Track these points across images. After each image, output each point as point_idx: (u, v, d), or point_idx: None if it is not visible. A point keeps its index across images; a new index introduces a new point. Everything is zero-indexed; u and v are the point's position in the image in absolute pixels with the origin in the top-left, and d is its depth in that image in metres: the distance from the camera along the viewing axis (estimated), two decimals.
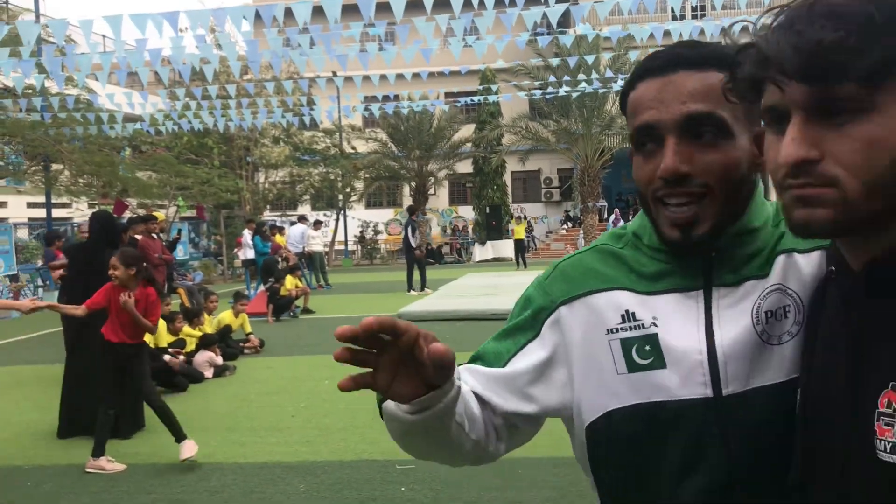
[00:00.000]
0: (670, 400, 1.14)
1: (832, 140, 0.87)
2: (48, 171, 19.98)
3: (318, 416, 7.30)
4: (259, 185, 30.74)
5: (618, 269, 1.25)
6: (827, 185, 0.88)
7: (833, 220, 0.89)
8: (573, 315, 1.25)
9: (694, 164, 1.11)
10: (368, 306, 16.40)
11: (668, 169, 1.11)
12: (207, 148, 25.96)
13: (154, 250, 11.97)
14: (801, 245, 1.15)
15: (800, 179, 0.89)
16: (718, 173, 1.11)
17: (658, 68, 1.15)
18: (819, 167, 0.88)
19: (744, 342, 1.13)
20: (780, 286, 1.15)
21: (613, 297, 1.22)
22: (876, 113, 0.85)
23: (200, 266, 25.35)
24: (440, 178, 36.59)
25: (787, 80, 0.89)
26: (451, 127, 34.78)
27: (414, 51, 13.01)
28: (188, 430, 7.12)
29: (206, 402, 8.24)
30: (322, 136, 32.46)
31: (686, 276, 1.19)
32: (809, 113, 0.88)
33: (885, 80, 0.84)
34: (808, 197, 0.89)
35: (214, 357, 9.73)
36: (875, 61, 0.83)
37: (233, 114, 17.03)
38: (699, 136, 1.12)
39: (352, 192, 33.93)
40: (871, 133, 0.86)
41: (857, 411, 0.92)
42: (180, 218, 26.33)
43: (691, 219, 1.13)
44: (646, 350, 1.17)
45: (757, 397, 1.11)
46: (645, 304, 1.20)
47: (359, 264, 33.74)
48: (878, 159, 0.86)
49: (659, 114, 1.13)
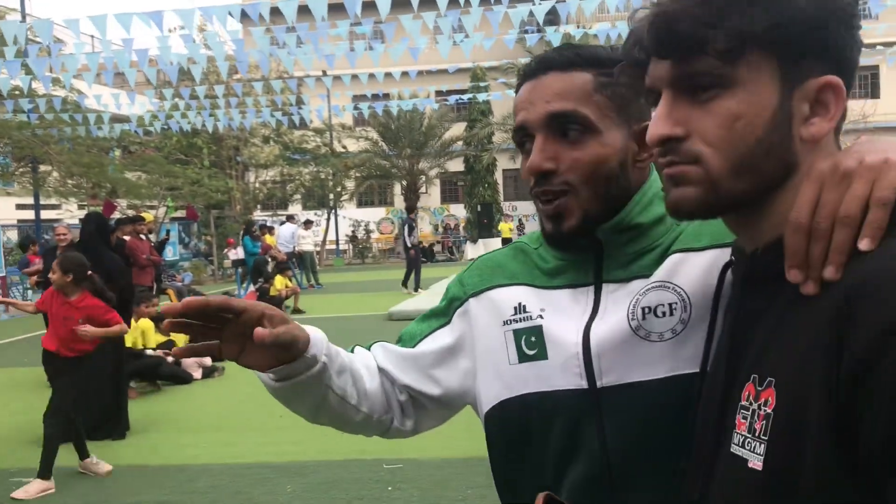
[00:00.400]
0: (552, 390, 1.18)
1: (697, 117, 0.85)
2: (36, 173, 19.88)
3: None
4: (249, 185, 30.66)
5: (524, 266, 1.31)
6: (692, 162, 0.86)
7: (701, 200, 0.87)
8: (480, 307, 1.32)
9: (559, 162, 1.15)
10: (359, 306, 16.38)
11: (532, 166, 1.17)
12: (197, 148, 25.87)
13: (142, 251, 11.91)
14: (696, 244, 1.16)
15: (667, 158, 0.88)
16: (581, 169, 1.15)
17: (531, 72, 1.20)
18: (684, 145, 0.86)
19: (617, 337, 1.14)
20: (663, 283, 1.15)
21: (513, 291, 1.28)
22: (739, 87, 0.83)
23: (191, 267, 25.27)
24: (431, 177, 36.57)
25: (651, 58, 0.88)
26: (441, 125, 34.77)
27: (402, 49, 12.99)
28: (176, 430, 7.10)
29: (195, 403, 8.22)
30: (312, 135, 32.39)
31: (579, 271, 1.22)
32: (676, 90, 0.86)
33: (744, 54, 0.82)
34: (676, 175, 0.88)
35: (203, 358, 9.69)
36: (731, 33, 0.81)
37: (221, 114, 16.98)
38: (565, 133, 1.16)
39: (342, 192, 33.86)
40: (733, 108, 0.83)
41: (726, 403, 0.90)
42: (171, 218, 26.26)
43: (558, 212, 1.17)
44: (532, 341, 1.22)
45: (634, 391, 1.12)
46: (539, 297, 1.25)
47: (350, 263, 33.70)
48: (741, 135, 0.84)
49: (528, 114, 1.18)
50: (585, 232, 1.18)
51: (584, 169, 1.15)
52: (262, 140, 29.64)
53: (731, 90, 0.83)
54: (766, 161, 0.84)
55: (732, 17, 0.80)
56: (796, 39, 0.82)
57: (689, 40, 0.82)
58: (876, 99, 33.16)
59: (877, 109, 30.18)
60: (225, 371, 9.78)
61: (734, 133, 0.83)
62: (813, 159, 0.85)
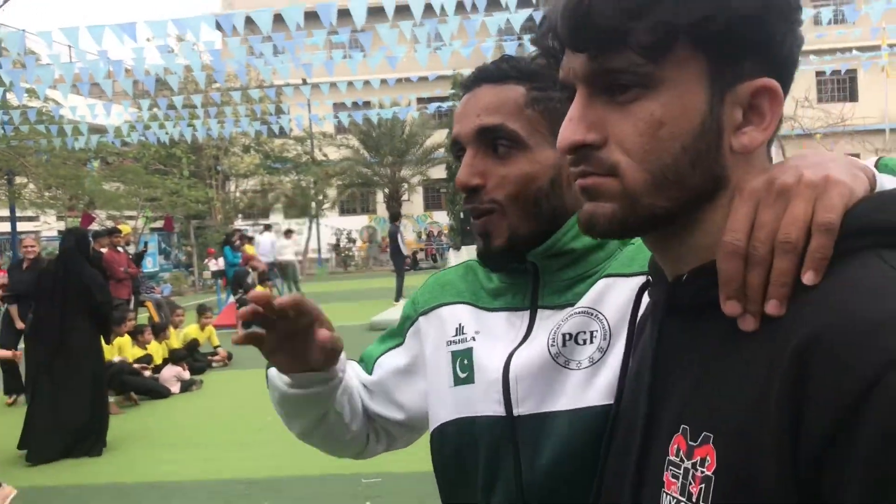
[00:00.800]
0: (475, 416, 1.15)
1: (615, 120, 0.74)
2: (11, 185, 19.68)
3: (284, 430, 6.99)
4: (230, 195, 30.50)
5: (471, 285, 1.27)
6: (607, 173, 0.74)
7: (617, 217, 0.75)
8: (429, 325, 1.29)
9: (488, 178, 1.11)
10: (343, 315, 16.22)
11: (458, 182, 1.12)
12: (176, 158, 25.71)
13: (119, 264, 11.83)
14: (626, 269, 1.11)
15: (580, 167, 0.76)
16: (509, 187, 1.10)
17: (468, 85, 1.17)
18: (600, 153, 0.74)
19: (536, 364, 1.10)
20: (587, 310, 1.10)
21: (457, 310, 1.25)
22: (663, 89, 0.72)
23: (171, 278, 25.07)
24: (414, 184, 36.56)
25: (565, 50, 0.76)
26: (423, 133, 34.78)
27: (380, 58, 12.96)
28: (153, 446, 7.02)
29: (173, 418, 8.14)
30: (293, 144, 32.29)
31: (517, 295, 1.18)
32: (592, 88, 0.75)
33: (670, 50, 0.71)
34: (589, 188, 0.76)
35: (182, 372, 9.60)
36: (655, 26, 0.70)
37: (199, 124, 16.86)
38: (495, 148, 1.11)
39: (324, 200, 33.75)
40: (656, 112, 0.72)
41: (645, 452, 0.79)
42: (151, 229, 26.06)
43: (486, 230, 1.13)
44: (464, 364, 1.18)
45: (549, 421, 1.08)
46: (477, 319, 1.21)
47: (333, 272, 33.56)
48: (664, 144, 0.72)
49: (461, 127, 1.14)
50: (515, 253, 1.13)
51: (512, 186, 1.10)
52: (242, 149, 29.51)
53: (654, 91, 0.72)
54: (692, 174, 0.73)
55: (658, 8, 0.69)
56: (730, 35, 0.71)
57: (607, 32, 0.71)
58: (854, 102, 33.49)
59: (855, 113, 30.47)
60: (203, 384, 9.69)
61: (656, 141, 0.72)
62: (743, 173, 0.75)
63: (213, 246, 22.72)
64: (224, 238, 20.17)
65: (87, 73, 11.63)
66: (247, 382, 9.75)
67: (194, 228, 27.33)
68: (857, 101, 34.29)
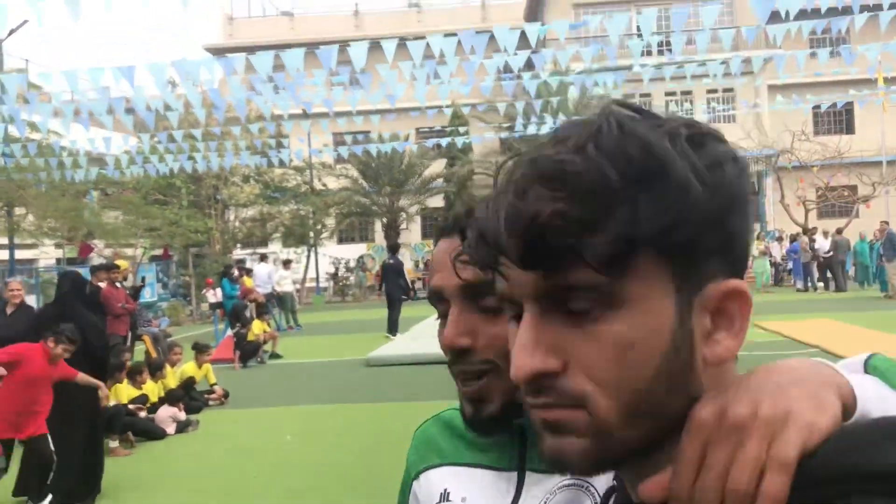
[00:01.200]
0: None
1: (576, 343, 0.66)
2: (11, 216, 19.72)
3: (280, 477, 7.15)
4: (229, 224, 30.53)
5: (450, 441, 1.20)
6: (575, 404, 0.66)
7: (589, 454, 0.67)
8: (421, 491, 1.21)
9: (477, 337, 1.02)
10: (339, 350, 16.20)
11: (445, 342, 1.03)
12: (176, 188, 25.78)
13: (117, 299, 11.85)
14: None
15: (540, 399, 0.67)
16: (503, 347, 0.95)
17: (447, 230, 1.08)
18: (562, 381, 0.66)
19: None
20: (578, 482, 1.01)
21: (441, 473, 1.18)
22: (627, 305, 0.65)
23: (169, 308, 24.99)
24: (412, 214, 36.61)
25: (510, 265, 0.67)
26: (421, 163, 34.88)
27: (380, 94, 13.05)
28: (149, 492, 6.95)
29: (168, 463, 8.07)
30: (293, 174, 32.39)
31: (503, 453, 1.10)
32: (545, 306, 0.67)
33: (632, 263, 0.64)
34: (555, 423, 0.67)
35: (178, 412, 9.53)
36: (613, 239, 0.62)
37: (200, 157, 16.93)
38: (481, 305, 1.03)
39: (322, 229, 33.78)
40: (624, 334, 0.64)
41: None
42: (150, 258, 26.06)
43: (479, 395, 1.03)
44: None
45: None
46: (462, 480, 1.14)
47: (330, 301, 33.50)
48: (635, 369, 0.65)
49: (442, 279, 1.05)
50: (506, 419, 1.04)
51: (504, 347, 1.05)
52: (242, 179, 29.59)
53: (617, 310, 0.64)
54: (668, 398, 0.66)
55: (617, 219, 0.62)
56: (693, 240, 0.65)
57: (567, 252, 0.63)
58: (851, 135, 33.69)
59: (852, 146, 30.63)
60: (199, 425, 9.62)
61: (626, 367, 0.64)
62: (715, 385, 0.68)
63: (212, 276, 22.70)
64: (222, 270, 20.16)
65: (86, 110, 11.71)
66: (243, 424, 9.70)
67: (193, 257, 27.34)
68: (853, 133, 34.50)
